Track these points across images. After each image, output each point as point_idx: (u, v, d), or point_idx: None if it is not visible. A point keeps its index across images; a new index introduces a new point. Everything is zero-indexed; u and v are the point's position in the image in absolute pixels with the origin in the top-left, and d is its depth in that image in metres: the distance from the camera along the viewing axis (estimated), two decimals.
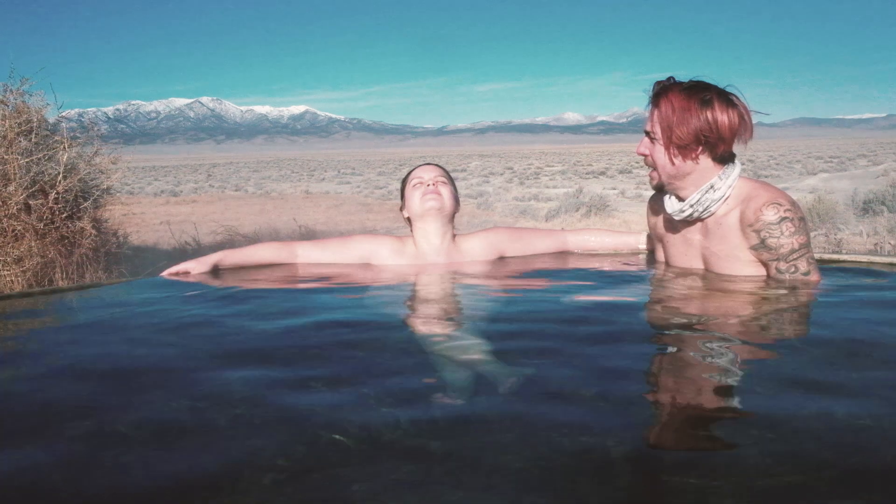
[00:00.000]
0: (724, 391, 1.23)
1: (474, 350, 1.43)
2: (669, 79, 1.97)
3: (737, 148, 1.97)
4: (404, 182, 2.44)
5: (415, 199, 2.33)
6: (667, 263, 2.24)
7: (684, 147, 1.92)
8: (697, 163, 1.95)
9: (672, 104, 1.90)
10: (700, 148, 1.92)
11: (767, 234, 1.90)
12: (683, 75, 1.98)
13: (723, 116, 1.88)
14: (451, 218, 2.38)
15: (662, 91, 1.94)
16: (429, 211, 2.31)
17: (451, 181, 2.43)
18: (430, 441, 1.00)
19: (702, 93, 1.89)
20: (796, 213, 1.91)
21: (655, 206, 2.27)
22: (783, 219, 1.88)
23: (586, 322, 1.71)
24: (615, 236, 2.62)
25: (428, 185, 2.33)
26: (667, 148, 1.94)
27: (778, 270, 1.93)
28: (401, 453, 0.97)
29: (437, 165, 2.45)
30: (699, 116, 1.88)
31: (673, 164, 1.96)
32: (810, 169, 30.68)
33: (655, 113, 1.95)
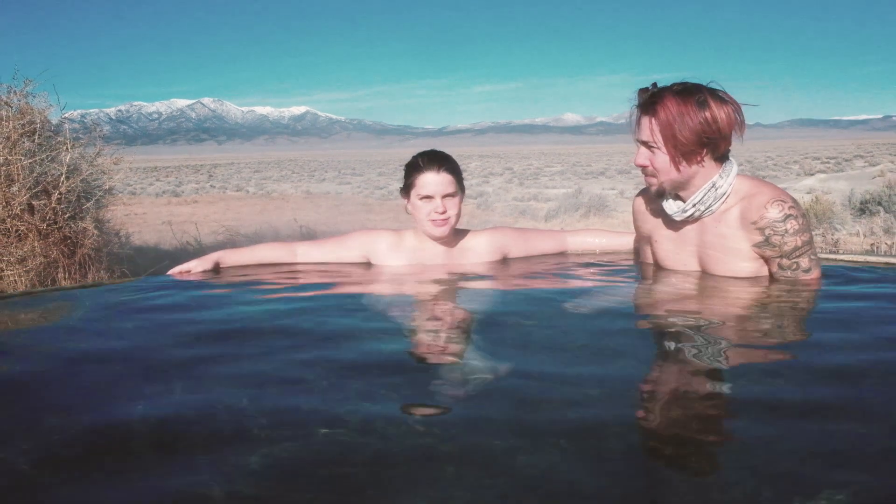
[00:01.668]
0: (724, 391, 1.24)
1: (459, 349, 1.45)
2: (654, 85, 1.94)
3: (733, 144, 1.95)
4: (411, 179, 2.30)
5: (422, 218, 2.28)
6: (656, 263, 2.21)
7: (689, 151, 1.89)
8: (702, 165, 1.93)
9: (670, 110, 1.87)
10: (704, 150, 1.90)
11: (772, 232, 1.89)
12: (680, 76, 1.93)
13: (721, 114, 1.87)
14: None
15: (656, 98, 1.90)
16: (436, 238, 2.33)
17: (459, 180, 2.33)
18: (436, 440, 1.00)
19: (695, 94, 1.87)
20: (799, 210, 1.91)
21: (642, 205, 2.24)
22: (788, 216, 1.88)
23: (586, 322, 1.71)
24: (614, 237, 2.64)
25: (438, 211, 2.25)
26: (671, 155, 1.90)
27: (780, 267, 1.93)
28: (404, 453, 0.97)
29: (445, 169, 2.28)
30: (699, 118, 1.86)
31: (678, 170, 1.92)
32: (807, 169, 30.65)
33: (653, 121, 1.90)
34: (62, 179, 5.09)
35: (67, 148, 5.24)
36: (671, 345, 1.51)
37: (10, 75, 5.21)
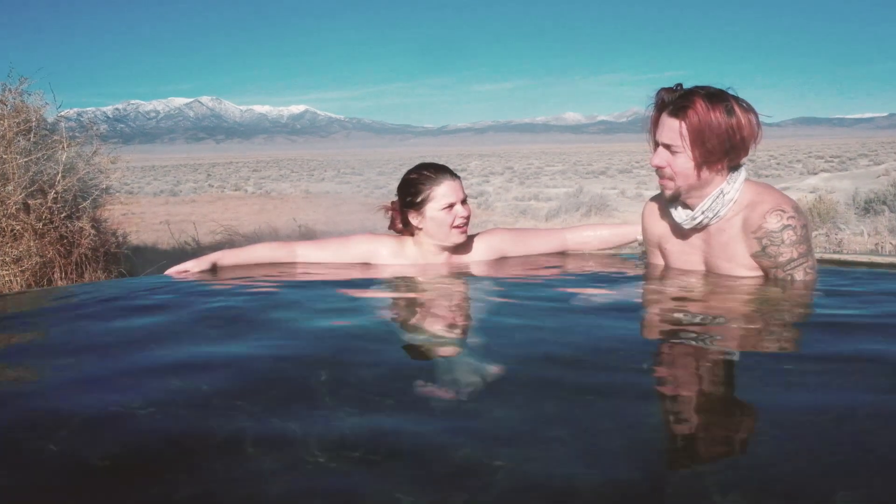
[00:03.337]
0: (724, 391, 1.25)
1: (456, 351, 1.44)
2: (679, 86, 1.92)
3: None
4: (425, 193, 2.27)
5: (445, 228, 2.27)
6: (666, 268, 2.21)
7: (713, 158, 1.88)
8: (720, 173, 1.92)
9: (699, 115, 1.85)
10: (726, 157, 1.89)
11: (769, 242, 1.89)
12: (682, 75, 1.99)
13: (745, 122, 1.86)
14: None
15: (687, 102, 1.87)
16: (456, 244, 2.33)
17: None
18: (432, 441, 1.00)
19: (723, 101, 1.86)
20: (799, 220, 1.90)
21: (652, 213, 2.23)
22: (785, 227, 1.87)
23: (587, 323, 1.72)
24: (612, 228, 2.63)
25: (463, 215, 2.27)
26: (696, 159, 1.89)
27: (775, 278, 1.93)
28: (400, 455, 0.96)
29: (455, 174, 2.33)
30: (726, 124, 1.85)
31: (699, 175, 1.91)
32: (811, 168, 30.73)
33: (682, 124, 1.88)
34: (58, 178, 5.05)
35: (64, 147, 5.22)
36: (676, 349, 1.51)
37: (6, 73, 5.18)
